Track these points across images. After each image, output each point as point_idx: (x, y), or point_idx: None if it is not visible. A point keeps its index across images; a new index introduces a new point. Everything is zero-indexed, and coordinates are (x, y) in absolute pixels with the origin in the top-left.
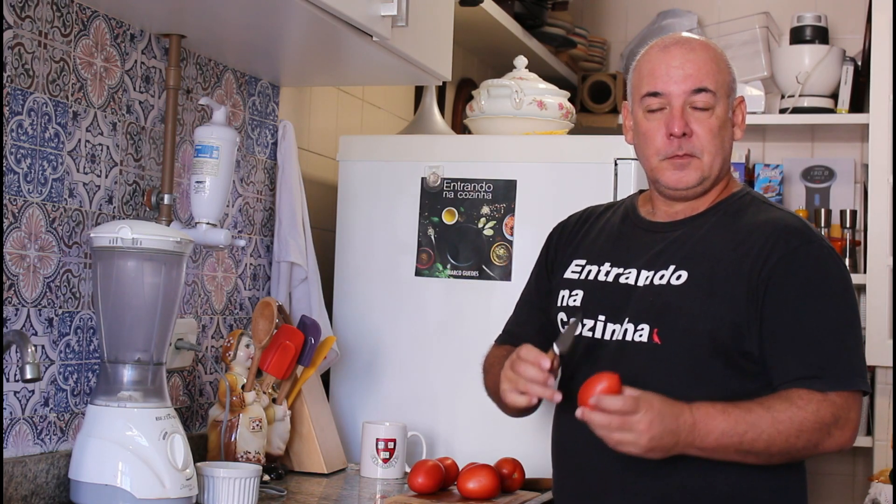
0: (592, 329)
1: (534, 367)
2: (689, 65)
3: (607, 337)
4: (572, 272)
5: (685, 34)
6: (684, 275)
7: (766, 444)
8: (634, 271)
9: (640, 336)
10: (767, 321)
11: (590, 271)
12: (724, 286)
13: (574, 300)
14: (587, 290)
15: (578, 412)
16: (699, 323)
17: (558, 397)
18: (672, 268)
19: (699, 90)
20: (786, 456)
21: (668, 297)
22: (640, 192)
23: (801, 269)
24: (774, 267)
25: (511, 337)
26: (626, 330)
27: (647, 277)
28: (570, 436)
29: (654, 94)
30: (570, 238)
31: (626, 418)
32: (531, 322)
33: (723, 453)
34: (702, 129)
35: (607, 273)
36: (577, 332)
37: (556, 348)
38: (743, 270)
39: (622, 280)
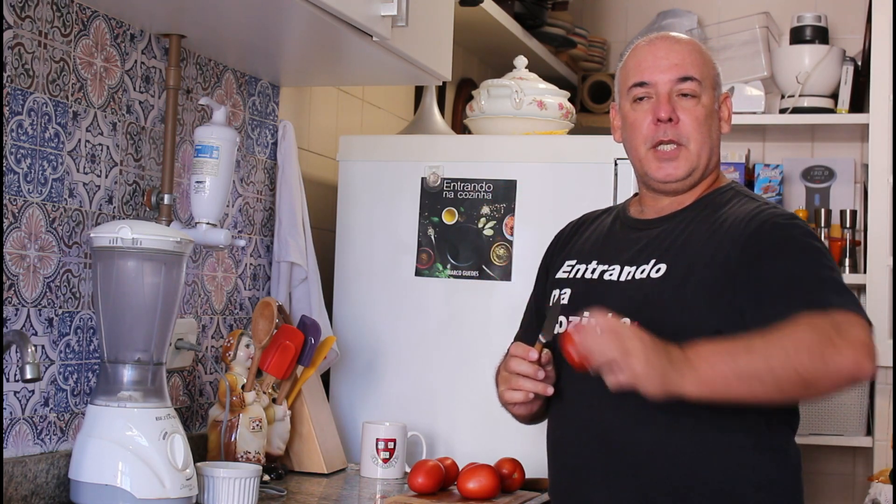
0: None
1: (523, 361)
2: (675, 55)
3: None
4: (563, 272)
5: (671, 33)
6: (663, 268)
7: (766, 361)
8: (618, 267)
9: None
10: (745, 285)
11: (578, 270)
12: (700, 276)
13: (563, 298)
14: (574, 288)
15: (570, 351)
16: (678, 313)
17: (550, 391)
18: (652, 262)
19: (685, 78)
20: (795, 378)
21: (647, 290)
22: (635, 195)
23: (773, 234)
24: (747, 241)
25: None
26: None
27: (629, 273)
28: (561, 433)
29: (641, 84)
30: (566, 242)
31: (614, 328)
32: (534, 328)
33: (723, 384)
34: (688, 117)
35: (593, 271)
36: (563, 330)
37: (541, 338)
38: (718, 259)
39: (606, 277)
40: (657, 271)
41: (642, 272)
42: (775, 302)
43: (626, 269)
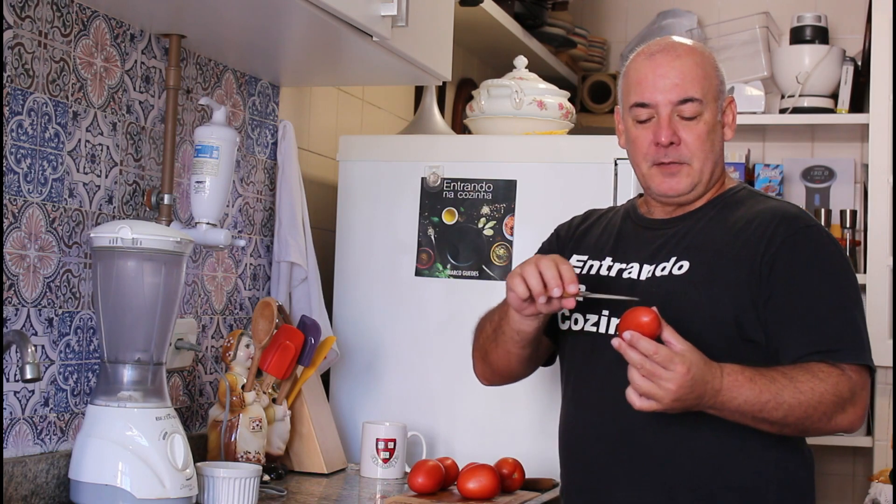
0: (596, 324)
1: (557, 275)
2: (675, 73)
3: (612, 331)
4: (574, 267)
5: (673, 38)
6: (686, 265)
7: (784, 414)
8: (636, 266)
9: None
10: (773, 302)
11: (591, 266)
12: (726, 273)
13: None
14: (589, 285)
15: (615, 342)
16: (702, 309)
17: (569, 304)
18: (673, 259)
19: (686, 100)
20: (798, 428)
21: (670, 287)
22: (640, 195)
23: (804, 251)
24: (777, 251)
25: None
26: None
27: (650, 271)
28: (576, 432)
29: (642, 105)
30: (572, 235)
31: (657, 370)
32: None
33: (739, 418)
34: (690, 136)
35: (609, 268)
36: (580, 328)
37: (581, 287)
38: (744, 257)
39: (625, 275)
40: (679, 268)
41: (663, 269)
42: (803, 327)
43: (646, 267)
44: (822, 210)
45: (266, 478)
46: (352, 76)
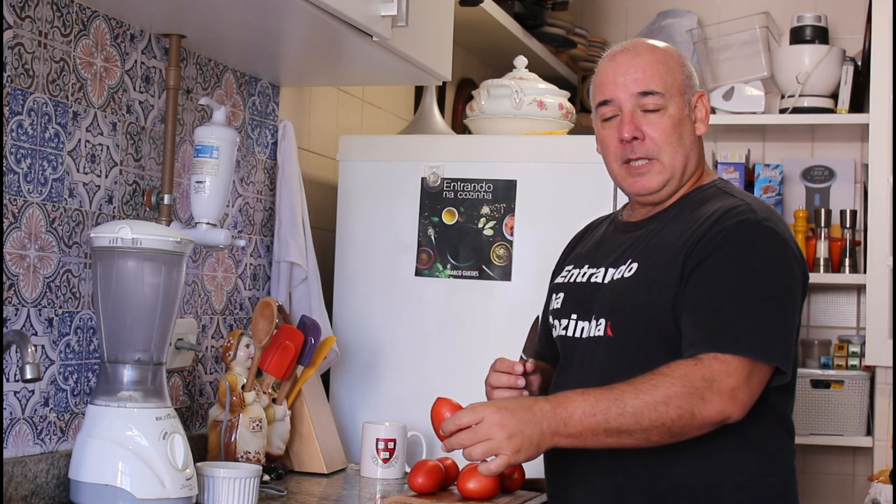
0: (566, 328)
1: (502, 375)
2: (634, 70)
3: (577, 334)
4: (561, 277)
5: (636, 39)
6: (635, 267)
7: (635, 418)
8: (603, 269)
9: (599, 331)
10: (683, 295)
11: (573, 274)
12: (664, 274)
13: (557, 303)
14: (566, 292)
15: (443, 446)
16: (642, 312)
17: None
18: (629, 262)
19: (646, 93)
20: (662, 430)
21: (620, 290)
22: None
23: (724, 245)
24: (703, 247)
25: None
26: (592, 326)
27: (612, 274)
28: None
29: (605, 103)
30: (569, 252)
31: (479, 429)
32: (544, 334)
33: (593, 437)
34: (654, 131)
35: (583, 274)
36: (557, 334)
37: (523, 356)
38: (680, 256)
39: (593, 279)
40: (630, 271)
41: (619, 273)
42: (691, 319)
43: (610, 270)
44: (822, 210)
45: (266, 478)
46: (352, 76)
